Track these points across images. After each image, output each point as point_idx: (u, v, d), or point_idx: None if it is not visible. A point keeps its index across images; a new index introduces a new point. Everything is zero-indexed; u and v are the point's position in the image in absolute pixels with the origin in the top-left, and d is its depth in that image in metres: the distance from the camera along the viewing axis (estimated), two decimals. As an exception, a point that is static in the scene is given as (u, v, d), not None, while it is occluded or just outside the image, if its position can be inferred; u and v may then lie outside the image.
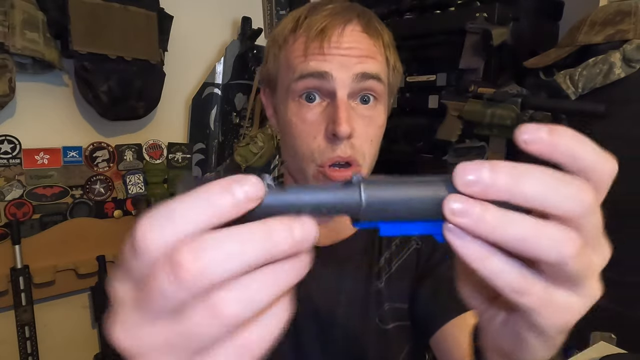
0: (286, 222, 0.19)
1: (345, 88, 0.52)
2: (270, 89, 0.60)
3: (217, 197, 0.18)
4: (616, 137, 1.07)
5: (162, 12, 1.45)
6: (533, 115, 1.16)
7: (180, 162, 1.60)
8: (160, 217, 0.18)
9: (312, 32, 0.52)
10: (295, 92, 0.53)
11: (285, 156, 0.60)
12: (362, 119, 0.54)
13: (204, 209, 0.18)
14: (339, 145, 0.52)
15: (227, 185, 0.18)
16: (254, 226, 0.18)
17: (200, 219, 0.18)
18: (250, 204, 0.19)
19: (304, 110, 0.53)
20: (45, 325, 1.36)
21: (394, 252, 0.64)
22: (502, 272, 0.20)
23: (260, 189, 0.19)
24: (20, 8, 1.16)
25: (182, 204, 0.18)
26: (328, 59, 0.51)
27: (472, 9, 1.34)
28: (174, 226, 0.18)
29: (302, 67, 0.52)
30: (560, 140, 0.20)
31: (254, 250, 0.18)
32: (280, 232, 0.18)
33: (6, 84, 1.16)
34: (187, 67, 1.62)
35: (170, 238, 0.18)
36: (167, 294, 0.17)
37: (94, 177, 1.42)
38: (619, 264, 1.08)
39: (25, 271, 1.26)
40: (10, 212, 1.27)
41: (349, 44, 0.52)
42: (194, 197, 0.18)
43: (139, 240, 0.18)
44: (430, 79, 1.46)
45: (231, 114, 1.70)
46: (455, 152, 1.35)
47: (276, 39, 0.57)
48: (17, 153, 1.28)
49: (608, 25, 1.09)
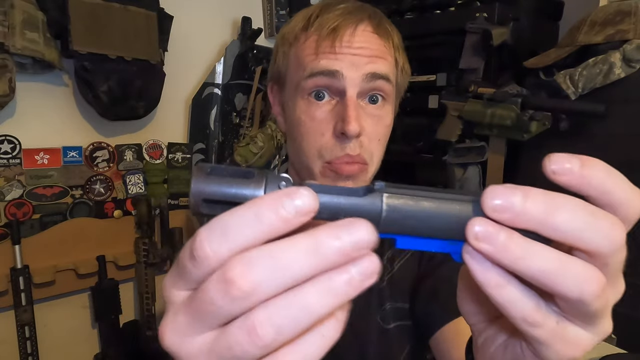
0: (333, 229, 0.18)
1: (355, 87, 0.52)
2: (278, 86, 0.61)
3: (267, 213, 0.18)
4: (616, 137, 1.07)
5: (162, 12, 1.45)
6: (533, 115, 1.16)
7: (180, 162, 1.60)
8: (217, 229, 0.18)
9: (324, 31, 0.52)
10: (305, 89, 0.53)
11: (291, 154, 0.60)
12: (371, 118, 0.54)
13: (255, 226, 0.18)
14: (348, 143, 0.52)
15: (278, 200, 0.18)
16: (302, 236, 0.18)
17: (252, 235, 0.18)
18: (302, 218, 0.18)
19: (312, 108, 0.54)
20: (45, 325, 1.36)
21: (397, 252, 0.64)
22: (517, 301, 0.20)
23: (314, 203, 0.18)
24: (20, 8, 1.16)
25: (235, 218, 0.18)
26: (339, 58, 0.51)
27: (472, 9, 1.34)
28: (228, 241, 0.18)
29: (312, 65, 0.52)
30: (592, 173, 0.19)
31: (304, 261, 0.18)
32: (327, 238, 0.18)
33: (6, 84, 1.16)
34: (187, 67, 1.62)
35: (225, 252, 0.18)
36: (217, 307, 0.18)
37: (94, 177, 1.42)
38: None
39: (25, 271, 1.26)
40: (10, 212, 1.27)
41: (360, 44, 0.52)
42: (246, 212, 0.18)
43: (198, 250, 0.18)
44: (430, 79, 1.46)
45: (231, 114, 1.70)
46: (455, 152, 1.35)
47: (286, 36, 0.57)
48: (17, 153, 1.28)
49: (608, 25, 1.09)
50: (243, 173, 0.21)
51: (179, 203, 1.60)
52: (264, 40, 1.79)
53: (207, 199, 0.21)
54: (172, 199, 1.59)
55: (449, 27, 1.39)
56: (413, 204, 0.20)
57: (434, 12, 1.45)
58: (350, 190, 0.21)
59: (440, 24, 1.43)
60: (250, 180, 0.20)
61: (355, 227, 0.18)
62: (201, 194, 0.20)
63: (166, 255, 1.49)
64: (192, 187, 0.20)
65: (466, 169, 1.34)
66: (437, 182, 1.44)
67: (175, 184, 1.59)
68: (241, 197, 0.20)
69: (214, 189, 0.20)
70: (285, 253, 0.18)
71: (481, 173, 1.33)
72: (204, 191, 0.20)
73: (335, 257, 0.18)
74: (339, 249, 0.18)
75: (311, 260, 0.18)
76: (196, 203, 0.21)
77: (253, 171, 0.21)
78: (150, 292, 1.46)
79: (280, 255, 0.18)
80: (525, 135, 1.18)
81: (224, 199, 0.20)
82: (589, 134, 1.12)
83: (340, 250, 0.18)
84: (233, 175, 0.21)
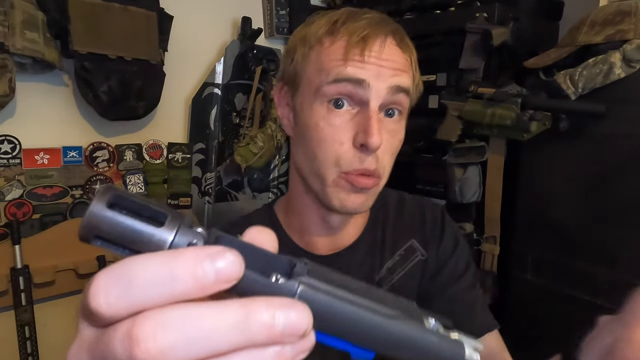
0: (272, 307, 0.16)
1: (378, 99, 0.52)
2: (290, 88, 0.59)
3: (183, 274, 0.16)
4: (616, 137, 1.07)
5: (162, 12, 1.45)
6: (533, 115, 1.16)
7: (180, 162, 1.60)
8: (119, 280, 0.16)
9: (354, 38, 0.52)
10: (326, 95, 0.53)
11: (300, 159, 0.59)
12: (388, 132, 0.54)
13: (166, 287, 0.16)
14: (367, 156, 0.52)
15: (197, 260, 0.16)
16: (231, 306, 0.16)
17: (159, 297, 0.16)
18: (222, 286, 0.16)
19: (332, 115, 0.53)
20: (45, 325, 1.36)
21: (398, 262, 0.64)
22: None
23: (238, 271, 0.16)
24: (20, 8, 1.16)
25: (143, 272, 0.16)
26: (366, 67, 0.51)
27: (472, 9, 1.34)
28: (129, 297, 0.16)
29: (338, 71, 0.51)
30: None
31: (225, 335, 0.16)
32: (260, 318, 0.16)
33: (6, 84, 1.16)
34: (187, 67, 1.62)
35: (122, 309, 0.16)
36: None
37: (94, 177, 1.42)
38: (619, 263, 1.08)
39: (25, 271, 1.26)
40: (10, 212, 1.27)
41: (387, 56, 0.52)
42: (159, 268, 0.16)
43: (92, 300, 0.16)
44: (430, 79, 1.46)
45: (231, 114, 1.70)
46: (455, 152, 1.34)
47: (307, 38, 0.56)
48: (17, 153, 1.28)
49: (608, 25, 1.09)
50: (153, 213, 0.18)
51: (178, 203, 1.60)
52: (264, 40, 1.79)
53: (100, 237, 0.18)
54: (172, 199, 1.59)
55: (449, 27, 1.39)
56: (327, 301, 0.18)
57: (434, 12, 1.45)
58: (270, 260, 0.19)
59: (440, 24, 1.43)
60: (158, 228, 0.17)
61: (295, 310, 0.16)
62: (95, 229, 0.17)
63: (166, 255, 1.49)
64: (86, 218, 0.17)
65: (466, 169, 1.34)
66: (437, 182, 1.44)
67: (175, 184, 1.59)
68: (142, 246, 0.17)
69: (111, 227, 0.17)
70: (209, 321, 0.16)
71: (481, 173, 1.33)
72: (99, 227, 0.17)
73: (262, 338, 0.16)
74: (272, 329, 0.16)
75: (237, 336, 0.16)
76: (86, 236, 0.18)
77: (165, 213, 0.18)
78: (150, 292, 1.46)
79: (201, 323, 0.16)
80: (525, 135, 1.18)
81: (121, 243, 0.18)
82: (589, 134, 1.12)
83: (271, 332, 0.16)
84: (140, 214, 0.18)
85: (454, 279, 0.63)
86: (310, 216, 0.61)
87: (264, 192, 1.85)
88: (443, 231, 0.66)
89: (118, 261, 0.17)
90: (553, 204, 1.20)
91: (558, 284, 1.18)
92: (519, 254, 1.28)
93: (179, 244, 0.17)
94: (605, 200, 1.09)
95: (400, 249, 0.64)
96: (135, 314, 0.16)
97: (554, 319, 1.17)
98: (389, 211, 0.67)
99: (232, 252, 0.16)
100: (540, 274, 1.23)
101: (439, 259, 0.64)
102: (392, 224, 0.66)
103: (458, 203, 1.34)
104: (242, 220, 0.69)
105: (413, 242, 0.65)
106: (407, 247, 0.64)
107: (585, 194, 1.13)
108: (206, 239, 0.18)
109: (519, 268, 1.28)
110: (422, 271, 0.64)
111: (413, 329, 0.20)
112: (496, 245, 1.32)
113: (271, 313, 0.16)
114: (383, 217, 0.67)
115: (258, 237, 0.19)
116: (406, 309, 0.20)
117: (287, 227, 0.65)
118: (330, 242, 0.63)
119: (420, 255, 0.64)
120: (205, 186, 1.67)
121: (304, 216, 0.62)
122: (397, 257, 0.64)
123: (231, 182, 1.74)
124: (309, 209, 0.61)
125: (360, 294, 0.19)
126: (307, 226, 0.62)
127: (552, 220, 1.20)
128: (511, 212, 1.30)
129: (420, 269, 0.64)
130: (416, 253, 0.64)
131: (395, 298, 0.21)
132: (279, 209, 0.68)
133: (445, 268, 0.63)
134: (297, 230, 0.64)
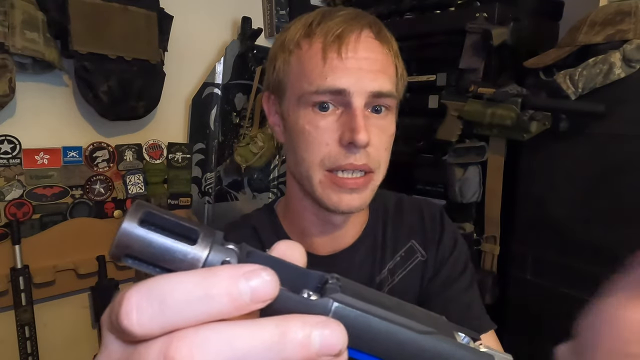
0: (307, 326, 0.16)
1: (362, 99, 0.52)
2: (276, 96, 0.59)
3: (220, 295, 0.16)
4: (616, 137, 1.07)
5: (162, 12, 1.45)
6: (533, 115, 1.16)
7: (180, 162, 1.60)
8: (153, 299, 0.16)
9: (329, 37, 0.52)
10: (310, 102, 0.53)
11: (291, 163, 0.60)
12: (376, 128, 0.54)
13: (201, 307, 0.16)
14: (355, 153, 0.52)
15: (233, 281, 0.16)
16: (268, 326, 0.16)
17: (194, 317, 0.16)
18: (256, 306, 0.16)
19: (317, 118, 0.53)
20: (45, 325, 1.36)
21: (399, 264, 0.64)
22: None
23: (274, 291, 0.16)
24: (20, 8, 1.16)
25: (179, 292, 0.16)
26: (346, 73, 0.51)
27: (472, 9, 1.34)
28: (164, 317, 0.16)
29: (318, 84, 0.52)
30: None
31: (262, 356, 0.16)
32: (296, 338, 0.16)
33: (6, 84, 1.16)
34: (187, 67, 1.62)
35: (156, 329, 0.16)
36: None
37: (94, 177, 1.42)
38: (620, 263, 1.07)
39: (25, 271, 1.26)
40: (10, 212, 1.27)
41: (365, 53, 0.52)
42: (194, 288, 0.16)
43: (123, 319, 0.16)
44: (430, 79, 1.46)
45: (231, 114, 1.70)
46: (455, 152, 1.34)
47: (286, 44, 0.56)
48: (17, 153, 1.28)
49: (608, 25, 1.09)
50: (185, 230, 0.18)
51: (178, 203, 1.60)
52: (264, 40, 1.79)
53: (132, 255, 0.17)
54: (172, 199, 1.59)
55: (449, 27, 1.39)
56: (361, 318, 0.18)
57: (433, 12, 1.45)
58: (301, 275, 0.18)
59: (440, 24, 1.43)
60: (191, 246, 0.17)
61: (330, 329, 0.16)
62: (127, 248, 0.17)
63: (166, 255, 1.49)
64: (117, 237, 0.17)
65: (466, 169, 1.34)
66: (437, 182, 1.44)
67: (175, 184, 1.59)
68: (176, 265, 0.17)
69: (143, 246, 0.17)
70: (244, 341, 0.15)
71: (481, 173, 1.33)
72: (131, 246, 0.17)
73: (299, 358, 0.16)
74: (306, 350, 0.16)
75: (272, 356, 0.16)
76: (118, 255, 0.17)
77: (197, 230, 0.18)
78: (150, 292, 1.46)
79: (237, 343, 0.15)
80: (525, 135, 1.18)
81: (154, 262, 0.17)
82: (589, 134, 1.12)
83: (307, 352, 0.16)
84: (172, 231, 0.17)
85: (452, 279, 0.63)
86: (309, 218, 0.62)
87: (264, 192, 1.85)
88: (442, 231, 0.66)
89: (149, 278, 0.17)
90: (553, 204, 1.20)
91: (558, 284, 1.18)
92: (519, 254, 1.28)
93: (213, 262, 0.17)
94: (605, 200, 1.09)
95: (400, 250, 0.64)
96: (169, 332, 0.16)
97: (554, 319, 1.17)
98: (388, 213, 0.67)
99: (267, 271, 0.16)
100: (540, 274, 1.23)
101: (438, 259, 0.64)
102: (391, 225, 0.66)
103: (458, 203, 1.34)
104: (243, 220, 0.69)
105: (413, 243, 0.65)
106: (407, 249, 0.65)
107: (585, 194, 1.13)
108: (239, 255, 0.18)
109: (519, 268, 1.28)
110: (422, 272, 0.64)
111: (446, 344, 0.19)
112: (496, 245, 1.32)
113: (307, 332, 0.16)
114: (383, 218, 0.67)
115: (287, 252, 0.19)
116: (437, 323, 0.20)
117: (287, 228, 0.65)
118: (330, 243, 0.63)
119: (420, 257, 0.64)
120: (205, 186, 1.67)
121: (303, 218, 0.62)
122: (398, 258, 0.64)
123: (231, 182, 1.74)
124: (307, 211, 0.61)
125: (392, 309, 0.19)
126: (306, 227, 0.63)
127: (552, 220, 1.20)
128: (511, 212, 1.30)
129: (420, 270, 0.64)
130: (416, 254, 0.64)
131: (425, 312, 0.20)
132: (279, 209, 0.68)
133: (443, 268, 0.64)
134: (296, 231, 0.64)
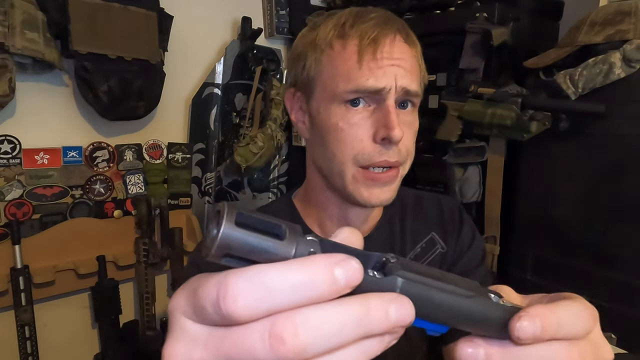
0: (384, 303, 0.19)
1: (394, 97, 0.54)
2: (303, 93, 0.60)
3: (320, 281, 0.18)
4: (616, 137, 1.07)
5: (162, 12, 1.45)
6: (533, 115, 1.16)
7: (180, 162, 1.60)
8: (258, 287, 0.18)
9: (365, 41, 0.53)
10: (343, 98, 0.54)
11: (320, 159, 0.60)
12: (404, 123, 0.56)
13: (305, 292, 0.18)
14: (389, 150, 0.54)
15: (330, 269, 0.18)
16: (353, 304, 0.19)
17: (297, 300, 0.18)
18: (347, 290, 0.19)
19: (350, 115, 0.55)
20: (45, 325, 1.36)
21: (419, 254, 0.65)
22: None
23: (360, 275, 0.19)
24: (20, 8, 1.16)
25: (283, 281, 0.18)
26: (382, 73, 0.53)
27: (472, 9, 1.34)
28: (271, 301, 0.18)
29: (359, 82, 0.53)
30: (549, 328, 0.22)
31: (351, 330, 0.18)
32: (377, 313, 0.19)
33: (6, 84, 1.16)
34: (187, 67, 1.62)
35: (263, 311, 0.18)
36: (256, 358, 0.18)
37: (94, 177, 1.42)
38: (620, 263, 1.07)
39: (25, 271, 1.26)
40: (10, 212, 1.27)
41: (398, 55, 0.54)
42: (296, 276, 0.18)
43: (229, 304, 0.18)
44: (430, 79, 1.46)
45: (231, 114, 1.70)
46: (455, 152, 1.34)
47: (317, 43, 0.57)
48: (17, 153, 1.28)
49: (608, 25, 1.09)
50: (272, 227, 0.19)
51: (178, 203, 1.60)
52: (264, 40, 1.79)
53: (230, 255, 0.19)
54: (172, 198, 1.59)
55: (449, 27, 1.39)
56: (422, 290, 0.21)
57: (433, 12, 1.45)
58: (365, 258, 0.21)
59: (440, 24, 1.42)
60: (281, 241, 0.19)
61: (402, 305, 0.19)
62: (226, 248, 0.18)
63: (166, 255, 1.49)
64: (219, 239, 0.18)
65: (466, 169, 1.34)
66: (437, 182, 1.44)
67: (175, 184, 1.59)
68: (268, 259, 0.19)
69: (241, 245, 0.18)
70: (338, 319, 0.18)
71: (481, 173, 1.33)
72: (231, 246, 0.18)
73: (379, 330, 0.19)
74: (386, 324, 0.19)
75: (360, 329, 0.18)
76: (217, 254, 0.19)
77: (282, 226, 0.19)
78: (150, 292, 1.46)
79: (332, 320, 0.18)
80: (525, 135, 1.18)
81: (248, 258, 0.19)
82: (589, 134, 1.12)
83: (386, 325, 0.19)
84: (262, 230, 0.19)
85: (468, 272, 0.64)
86: (331, 209, 0.63)
87: (263, 192, 1.85)
88: (462, 225, 0.68)
89: (242, 268, 0.19)
90: (553, 204, 1.20)
91: (558, 284, 1.18)
92: (519, 254, 1.28)
93: (301, 254, 0.19)
94: (605, 200, 1.09)
95: (421, 242, 0.66)
96: (270, 315, 0.18)
97: (554, 319, 1.17)
98: (407, 205, 0.69)
99: (355, 259, 0.19)
100: (540, 274, 1.23)
101: (457, 251, 0.66)
102: (411, 217, 0.68)
103: (458, 203, 1.34)
104: (262, 210, 0.70)
105: (433, 235, 0.67)
106: (427, 240, 0.66)
107: (585, 194, 1.13)
108: (320, 245, 0.20)
109: (519, 268, 1.28)
110: (442, 264, 0.65)
111: (485, 305, 0.23)
112: (496, 245, 1.32)
113: (385, 308, 0.19)
114: (401, 210, 0.68)
115: (350, 237, 0.22)
116: (475, 287, 0.23)
117: (306, 218, 0.67)
118: None
119: (440, 248, 0.66)
120: (205, 186, 1.67)
121: (324, 210, 0.64)
122: (419, 249, 0.66)
123: (231, 182, 1.75)
124: (331, 203, 0.63)
125: (441, 279, 0.22)
126: (326, 219, 0.65)
127: (552, 220, 1.20)
128: (511, 212, 1.30)
129: (440, 261, 0.65)
130: (437, 246, 0.66)
131: (463, 279, 0.23)
132: (297, 199, 0.70)
133: (461, 260, 0.65)
134: (315, 221, 0.66)
